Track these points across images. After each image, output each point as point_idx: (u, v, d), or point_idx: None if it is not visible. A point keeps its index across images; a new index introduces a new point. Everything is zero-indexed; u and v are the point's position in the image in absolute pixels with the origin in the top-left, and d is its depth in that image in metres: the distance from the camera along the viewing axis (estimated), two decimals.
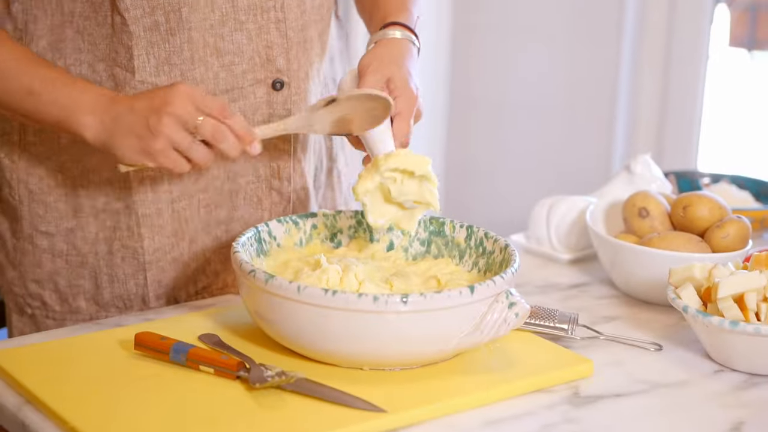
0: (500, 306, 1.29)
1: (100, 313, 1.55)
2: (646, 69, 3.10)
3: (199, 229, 1.54)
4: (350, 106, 1.40)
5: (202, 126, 1.34)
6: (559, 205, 1.75)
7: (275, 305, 1.28)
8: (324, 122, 1.42)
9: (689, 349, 1.44)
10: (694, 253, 1.52)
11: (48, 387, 1.24)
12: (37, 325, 1.57)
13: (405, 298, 1.24)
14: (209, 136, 1.34)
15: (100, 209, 1.51)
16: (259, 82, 1.50)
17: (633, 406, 1.30)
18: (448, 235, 1.48)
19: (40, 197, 1.51)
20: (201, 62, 1.47)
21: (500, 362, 1.35)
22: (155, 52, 1.45)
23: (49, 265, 1.54)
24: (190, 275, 1.55)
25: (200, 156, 1.35)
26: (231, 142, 1.36)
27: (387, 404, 1.23)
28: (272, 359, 1.32)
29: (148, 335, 1.31)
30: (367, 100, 1.40)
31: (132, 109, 1.35)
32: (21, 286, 1.56)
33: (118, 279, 1.53)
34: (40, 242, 1.53)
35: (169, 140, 1.33)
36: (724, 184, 1.92)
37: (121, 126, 1.35)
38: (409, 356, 1.29)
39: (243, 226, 1.56)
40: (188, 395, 1.24)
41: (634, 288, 1.58)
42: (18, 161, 1.51)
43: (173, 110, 1.33)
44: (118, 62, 1.45)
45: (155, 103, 1.33)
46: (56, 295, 1.55)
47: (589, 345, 1.44)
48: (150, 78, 1.45)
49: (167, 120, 1.33)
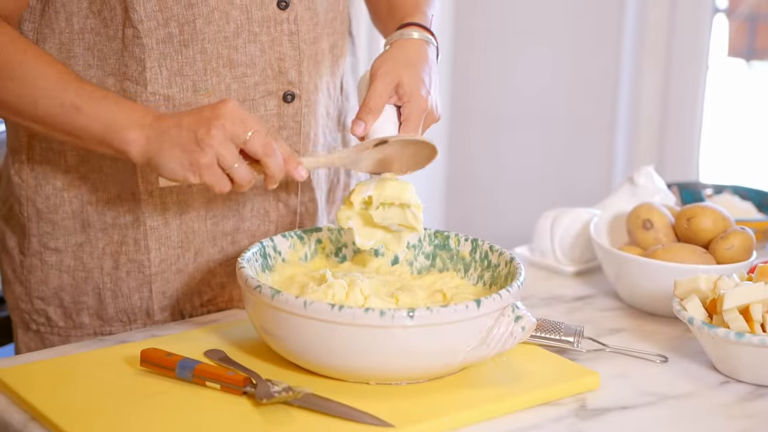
0: (506, 319, 1.29)
1: (104, 328, 1.55)
2: (646, 79, 3.10)
3: (205, 240, 1.54)
4: (396, 149, 1.40)
5: (252, 139, 1.32)
6: (563, 217, 1.75)
7: (281, 320, 1.27)
8: (369, 161, 1.41)
9: (695, 361, 1.44)
10: (699, 265, 1.52)
11: (54, 404, 1.24)
12: (42, 340, 1.57)
13: (411, 313, 1.24)
14: (260, 149, 1.33)
15: (109, 224, 1.51)
16: (271, 94, 1.50)
17: (640, 418, 1.30)
18: (453, 249, 1.48)
19: (48, 216, 1.51)
20: (213, 73, 1.47)
21: (506, 375, 1.35)
22: (168, 63, 1.45)
23: (56, 282, 1.54)
24: (194, 287, 1.55)
25: (242, 175, 1.33)
26: (278, 160, 1.34)
27: (394, 419, 1.23)
28: (278, 374, 1.32)
29: (154, 351, 1.31)
30: (413, 145, 1.40)
31: (179, 124, 1.33)
32: (27, 302, 1.56)
33: (122, 294, 1.53)
34: (49, 258, 1.53)
35: (215, 153, 1.32)
36: (727, 195, 1.92)
37: (167, 140, 1.33)
38: (416, 370, 1.29)
39: (249, 238, 1.56)
40: (195, 412, 1.24)
41: (638, 300, 1.58)
42: (26, 180, 1.51)
43: (223, 124, 1.31)
44: (129, 76, 1.45)
45: (205, 117, 1.32)
46: (61, 311, 1.55)
47: (594, 357, 1.44)
48: (162, 90, 1.45)
49: (216, 133, 1.31)
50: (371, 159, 1.41)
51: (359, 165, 1.41)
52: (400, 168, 1.42)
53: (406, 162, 1.42)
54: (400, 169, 1.42)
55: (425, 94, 1.44)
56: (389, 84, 1.43)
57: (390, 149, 1.40)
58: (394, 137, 1.40)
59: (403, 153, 1.41)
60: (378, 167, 1.42)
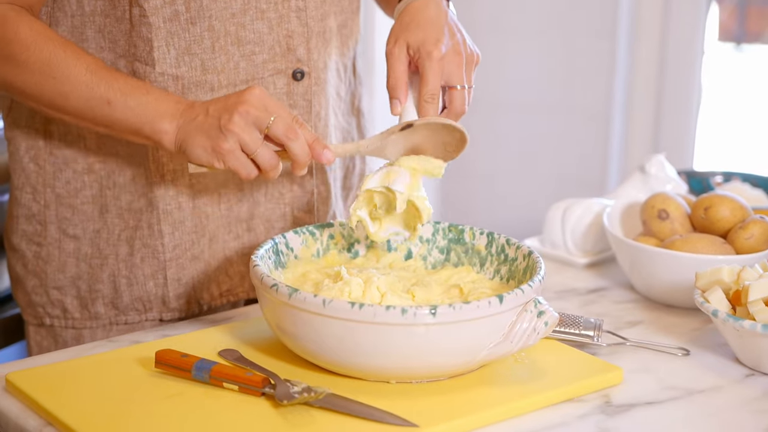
0: (529, 315, 1.27)
1: (119, 317, 1.54)
2: (641, 67, 3.08)
3: (220, 225, 1.52)
4: (425, 136, 1.37)
5: (275, 124, 1.32)
6: (574, 208, 1.72)
7: (299, 320, 1.24)
8: (397, 148, 1.38)
9: (717, 353, 1.42)
10: (721, 255, 1.49)
11: (70, 409, 1.21)
12: (54, 336, 1.55)
13: (434, 310, 1.21)
14: (282, 133, 1.32)
15: (124, 209, 1.50)
16: (280, 72, 1.49)
17: (666, 414, 1.27)
18: (468, 243, 1.46)
19: (67, 200, 1.51)
20: (222, 51, 1.45)
21: (528, 372, 1.32)
22: (175, 42, 1.43)
23: (73, 270, 1.52)
24: (212, 275, 1.53)
25: (266, 159, 1.33)
26: (302, 144, 1.33)
27: (417, 418, 1.20)
28: (295, 374, 1.29)
29: (169, 353, 1.28)
30: (443, 131, 1.37)
31: (207, 111, 1.34)
32: (42, 295, 1.54)
33: (137, 281, 1.52)
34: (67, 246, 1.52)
35: (238, 139, 1.32)
36: (737, 183, 1.90)
37: (194, 127, 1.34)
38: (438, 368, 1.26)
39: (265, 224, 1.55)
40: (214, 414, 1.21)
41: (656, 292, 1.56)
42: (44, 165, 1.50)
43: (246, 109, 1.32)
44: (138, 56, 1.44)
45: (229, 103, 1.33)
46: (77, 302, 1.53)
47: (614, 352, 1.41)
48: (170, 69, 1.44)
49: (238, 118, 1.32)
50: (400, 146, 1.38)
51: (387, 152, 1.38)
52: (434, 155, 1.38)
53: (437, 150, 1.38)
54: (434, 155, 1.39)
55: (435, 43, 1.39)
56: (400, 51, 1.40)
57: (418, 136, 1.37)
58: (420, 120, 1.36)
59: (431, 141, 1.37)
60: (408, 154, 1.39)
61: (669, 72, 3.06)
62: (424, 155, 1.38)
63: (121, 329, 1.53)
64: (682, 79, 3.05)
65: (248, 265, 1.55)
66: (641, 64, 3.08)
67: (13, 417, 1.23)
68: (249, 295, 1.57)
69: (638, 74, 3.09)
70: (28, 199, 1.52)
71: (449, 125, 1.37)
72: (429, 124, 1.37)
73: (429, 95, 1.38)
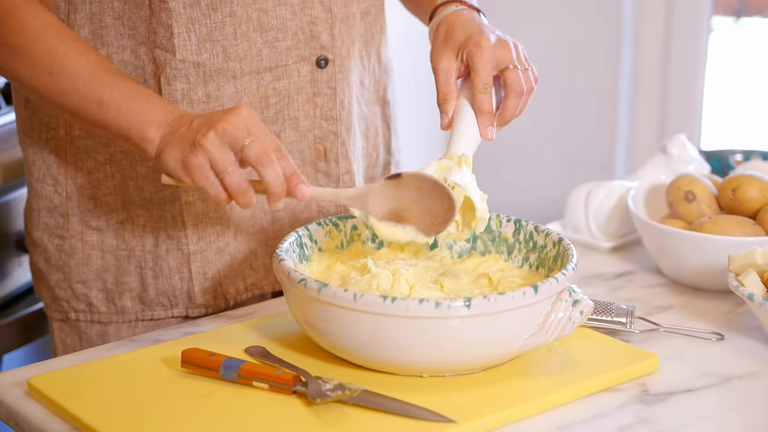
0: (564, 304, 1.24)
1: (145, 313, 1.51)
2: (647, 45, 3.05)
3: (244, 218, 1.49)
4: (411, 198, 1.28)
5: (249, 147, 1.25)
6: (597, 191, 1.69)
7: (329, 315, 1.21)
8: (380, 203, 1.29)
9: (751, 337, 1.39)
10: (754, 237, 1.46)
11: (96, 413, 1.17)
12: (79, 333, 1.52)
13: (468, 302, 1.18)
14: (254, 157, 1.25)
15: (147, 199, 1.47)
16: (303, 59, 1.45)
17: (705, 401, 1.25)
18: (495, 231, 1.42)
19: (89, 192, 1.47)
20: (244, 38, 1.41)
21: (562, 362, 1.29)
22: (196, 29, 1.39)
23: (99, 262, 1.49)
24: (237, 269, 1.50)
25: (234, 181, 1.26)
26: (275, 172, 1.26)
27: (453, 413, 1.17)
28: (325, 370, 1.26)
29: (196, 352, 1.25)
30: (432, 196, 1.27)
31: (191, 124, 1.28)
32: (66, 289, 1.51)
33: (162, 273, 1.49)
34: (90, 238, 1.49)
35: (208, 156, 1.26)
36: (758, 161, 1.86)
37: (175, 138, 1.29)
38: (472, 361, 1.23)
39: (289, 214, 1.51)
40: (244, 414, 1.18)
41: (685, 275, 1.53)
42: (66, 156, 1.47)
43: (224, 127, 1.25)
44: (158, 43, 1.40)
45: (213, 119, 1.27)
46: (103, 295, 1.50)
47: (648, 338, 1.39)
48: (191, 57, 1.40)
49: (213, 135, 1.25)
50: (382, 202, 1.29)
51: (369, 206, 1.29)
52: (418, 225, 1.29)
53: (423, 219, 1.29)
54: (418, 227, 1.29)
55: (480, 35, 1.35)
56: (448, 63, 1.36)
57: (404, 197, 1.28)
58: (410, 172, 1.28)
59: (420, 205, 1.28)
60: (391, 216, 1.29)
61: (675, 49, 3.02)
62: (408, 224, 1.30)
63: (147, 326, 1.50)
64: (687, 57, 3.02)
65: (272, 257, 1.52)
66: (646, 43, 3.05)
67: (38, 422, 1.20)
68: (274, 288, 1.54)
69: (644, 52, 3.06)
70: (49, 191, 1.49)
71: (439, 186, 1.27)
72: (419, 178, 1.27)
73: (482, 85, 1.33)
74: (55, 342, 1.54)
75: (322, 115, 1.49)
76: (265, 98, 1.45)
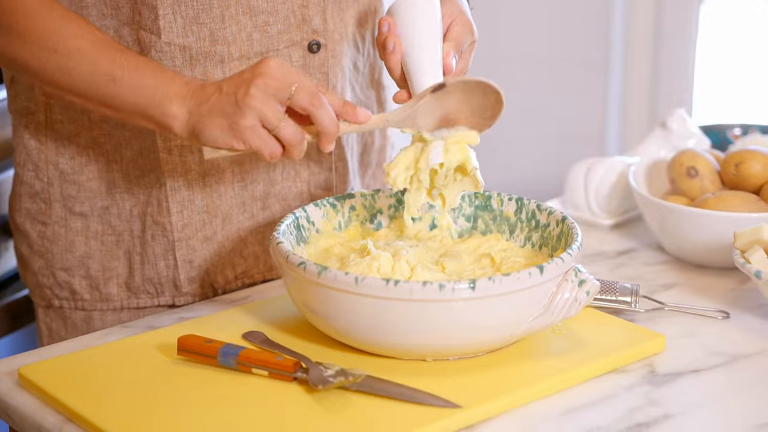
0: (570, 285, 1.21)
1: (131, 300, 1.46)
2: (638, 18, 3.02)
3: (234, 206, 1.45)
4: (459, 100, 1.26)
5: (297, 93, 1.21)
6: (597, 168, 1.66)
7: (330, 299, 1.18)
8: (429, 115, 1.27)
9: (757, 315, 1.36)
10: (758, 213, 1.43)
11: (90, 403, 1.14)
12: (63, 318, 1.48)
13: (473, 284, 1.14)
14: (307, 102, 1.21)
15: (133, 183, 1.43)
16: (295, 44, 1.41)
17: (714, 382, 1.22)
18: (496, 209, 1.39)
19: (72, 177, 1.43)
20: (232, 21, 1.36)
21: (568, 343, 1.26)
22: (182, 10, 1.34)
23: (83, 249, 1.45)
24: (226, 258, 1.46)
25: (290, 133, 1.22)
26: (329, 112, 1.22)
27: (458, 397, 1.14)
28: (325, 355, 1.23)
29: (192, 338, 1.21)
30: (478, 93, 1.26)
31: (220, 90, 1.23)
32: (49, 276, 1.47)
33: (148, 260, 1.45)
34: (74, 224, 1.44)
35: (258, 114, 1.21)
36: (756, 135, 1.83)
37: (208, 108, 1.23)
38: (476, 344, 1.20)
39: (281, 203, 1.47)
40: (245, 402, 1.14)
41: (688, 252, 1.50)
42: (46, 141, 1.42)
43: (264, 81, 1.21)
44: (143, 25, 1.35)
45: (245, 78, 1.22)
46: (87, 282, 1.46)
47: (653, 317, 1.36)
48: (177, 39, 1.35)
49: (255, 91, 1.21)
50: (432, 113, 1.27)
51: (418, 121, 1.27)
52: (469, 123, 1.29)
53: (473, 116, 1.28)
54: (470, 125, 1.29)
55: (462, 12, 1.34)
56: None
57: (452, 100, 1.27)
58: (452, 79, 1.26)
59: (469, 104, 1.27)
60: (442, 124, 1.29)
61: (666, 22, 2.99)
62: (458, 126, 1.29)
63: (132, 314, 1.46)
64: (678, 30, 2.99)
65: (264, 245, 1.48)
66: (638, 16, 3.02)
67: (30, 414, 1.16)
68: (265, 276, 1.50)
69: (635, 26, 3.03)
70: (30, 176, 1.44)
71: (484, 84, 1.26)
72: (463, 82, 1.26)
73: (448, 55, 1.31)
74: (41, 327, 1.50)
75: None
76: None
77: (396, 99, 1.31)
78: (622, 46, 3.05)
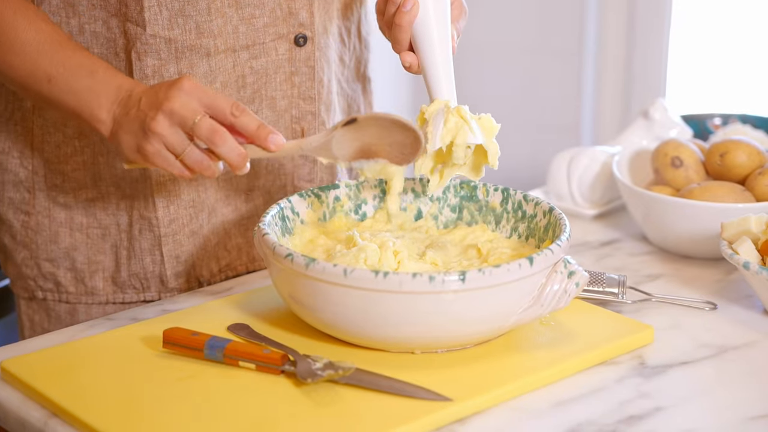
0: (559, 276, 1.20)
1: (116, 295, 1.45)
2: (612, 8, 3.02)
3: (218, 199, 1.43)
4: (375, 135, 1.25)
5: (198, 126, 1.21)
6: (580, 158, 1.65)
7: (317, 291, 1.16)
8: (345, 146, 1.26)
9: (744, 306, 1.36)
10: (744, 204, 1.43)
11: (75, 397, 1.12)
12: (47, 311, 1.46)
13: (462, 276, 1.13)
14: (205, 137, 1.21)
15: (119, 177, 1.41)
16: (281, 37, 1.39)
17: (703, 373, 1.22)
18: (482, 200, 1.38)
19: (57, 166, 1.41)
20: (218, 13, 1.34)
21: (557, 335, 1.26)
22: (168, 2, 1.33)
23: (67, 240, 1.43)
24: (211, 251, 1.44)
25: (195, 160, 1.22)
26: (229, 147, 1.22)
27: (447, 390, 1.13)
28: (312, 348, 1.21)
29: (178, 331, 1.20)
30: (395, 130, 1.24)
31: (139, 104, 1.23)
32: (33, 267, 1.44)
33: (135, 255, 1.43)
34: (57, 215, 1.42)
35: (162, 141, 1.21)
36: (737, 125, 1.83)
37: (126, 122, 1.24)
38: (466, 336, 1.19)
39: (264, 195, 1.46)
40: (232, 396, 1.13)
41: (673, 243, 1.49)
42: (32, 128, 1.40)
43: (170, 107, 1.20)
44: (129, 16, 1.33)
45: (158, 99, 1.21)
46: (72, 274, 1.44)
47: (640, 308, 1.35)
48: (163, 32, 1.33)
49: (162, 118, 1.21)
50: (347, 144, 1.25)
51: (334, 152, 1.26)
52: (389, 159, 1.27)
53: (392, 151, 1.26)
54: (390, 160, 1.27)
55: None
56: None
57: (367, 134, 1.25)
58: (365, 115, 1.24)
59: (385, 141, 1.25)
60: (360, 155, 1.27)
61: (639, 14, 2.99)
62: (379, 158, 1.27)
63: (118, 308, 1.44)
64: (652, 16, 2.99)
65: (247, 237, 1.46)
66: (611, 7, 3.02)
67: (14, 408, 1.15)
68: (248, 268, 1.48)
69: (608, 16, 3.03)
70: (15, 163, 1.42)
71: (401, 123, 1.23)
72: (375, 119, 1.24)
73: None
74: (22, 319, 1.48)
75: (300, 94, 1.43)
76: (242, 77, 1.39)
77: (405, 62, 1.32)
78: (595, 36, 3.05)
